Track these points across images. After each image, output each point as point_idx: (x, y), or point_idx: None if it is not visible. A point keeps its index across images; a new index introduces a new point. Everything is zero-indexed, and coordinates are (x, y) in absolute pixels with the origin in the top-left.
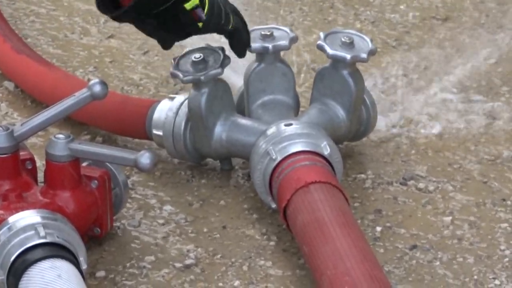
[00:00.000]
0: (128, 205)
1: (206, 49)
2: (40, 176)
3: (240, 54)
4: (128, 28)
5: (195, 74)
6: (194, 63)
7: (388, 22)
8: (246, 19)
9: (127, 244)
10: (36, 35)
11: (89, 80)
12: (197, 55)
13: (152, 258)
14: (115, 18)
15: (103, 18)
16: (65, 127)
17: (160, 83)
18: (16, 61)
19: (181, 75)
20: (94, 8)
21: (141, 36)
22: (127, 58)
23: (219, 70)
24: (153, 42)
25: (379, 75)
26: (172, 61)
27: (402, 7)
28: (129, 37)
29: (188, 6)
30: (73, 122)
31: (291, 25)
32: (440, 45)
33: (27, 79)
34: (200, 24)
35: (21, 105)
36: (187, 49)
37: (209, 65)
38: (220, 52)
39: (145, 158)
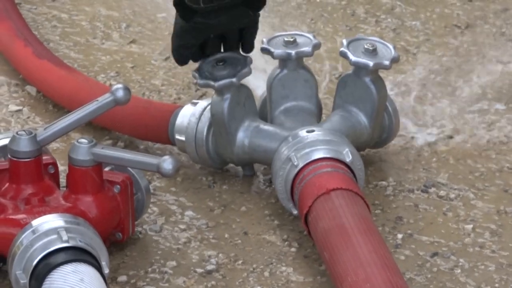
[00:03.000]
0: (149, 210)
1: (230, 55)
2: (62, 181)
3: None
4: (150, 33)
5: (210, 78)
6: (216, 68)
7: (409, 29)
8: (268, 25)
9: (148, 249)
10: (58, 40)
11: (110, 85)
12: (220, 60)
13: (174, 263)
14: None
15: (125, 23)
16: (87, 131)
17: (182, 89)
18: (37, 66)
19: (197, 78)
20: (115, 13)
21: (163, 41)
22: (149, 64)
23: (233, 80)
24: None
25: (400, 82)
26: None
27: (423, 14)
28: (151, 42)
29: None
30: (95, 126)
31: (313, 32)
32: (461, 53)
33: (48, 83)
34: None
35: (43, 109)
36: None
37: (229, 72)
38: (243, 59)
39: (167, 164)
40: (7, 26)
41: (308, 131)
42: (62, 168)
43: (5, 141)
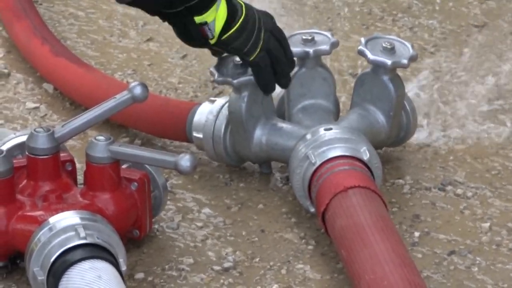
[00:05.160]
0: (166, 207)
1: None
2: (80, 178)
3: (263, 90)
4: (167, 31)
5: (228, 76)
6: (234, 66)
7: (426, 28)
8: (284, 23)
9: (166, 247)
10: (75, 38)
11: (128, 82)
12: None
13: (191, 260)
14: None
15: (142, 21)
16: (103, 129)
17: (198, 87)
18: (55, 64)
19: (216, 75)
20: (133, 11)
21: (179, 40)
22: (166, 62)
23: (252, 77)
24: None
25: (417, 80)
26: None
27: (439, 13)
28: (167, 40)
29: (197, 19)
30: (111, 124)
31: (330, 30)
32: (478, 51)
33: (66, 81)
34: (212, 41)
35: (60, 107)
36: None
37: (247, 69)
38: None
39: (185, 161)
40: (24, 24)
41: (325, 129)
42: (80, 166)
43: (23, 138)
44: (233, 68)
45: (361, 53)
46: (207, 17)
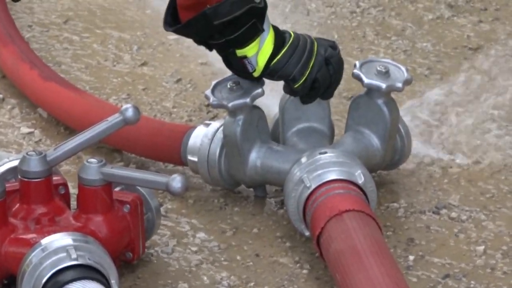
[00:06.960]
0: (161, 232)
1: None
2: (74, 204)
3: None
4: (161, 55)
5: (223, 100)
6: (229, 89)
7: (420, 51)
8: None
9: (160, 272)
10: (70, 62)
11: (121, 107)
12: (234, 82)
13: (186, 285)
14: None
15: (136, 45)
16: (98, 153)
17: (193, 111)
18: (44, 88)
19: (211, 99)
20: (127, 35)
21: (174, 63)
22: (160, 86)
23: (247, 101)
24: (185, 70)
25: (411, 104)
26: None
27: (433, 36)
28: (162, 64)
29: (238, 52)
30: (106, 149)
31: None
32: (472, 74)
33: (56, 105)
34: (254, 74)
35: (55, 132)
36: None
37: (243, 93)
38: (257, 83)
39: (176, 182)
40: (11, 50)
41: (320, 153)
42: (74, 191)
43: (16, 163)
44: (228, 92)
45: (356, 77)
46: (247, 51)
